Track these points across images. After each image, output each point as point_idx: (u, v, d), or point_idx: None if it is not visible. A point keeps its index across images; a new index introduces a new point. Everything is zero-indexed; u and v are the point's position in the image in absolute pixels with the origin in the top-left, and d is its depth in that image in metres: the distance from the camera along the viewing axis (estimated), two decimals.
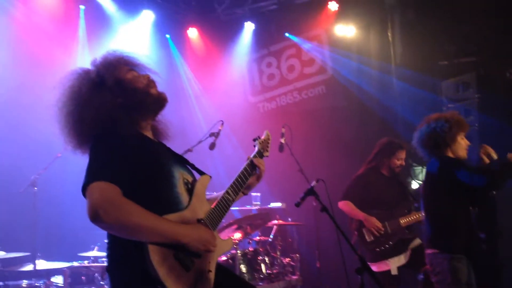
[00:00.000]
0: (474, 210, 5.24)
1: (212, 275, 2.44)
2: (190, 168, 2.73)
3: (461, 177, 3.79)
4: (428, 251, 3.91)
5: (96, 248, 5.70)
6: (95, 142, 2.38)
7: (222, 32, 8.80)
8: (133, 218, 2.17)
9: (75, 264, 5.48)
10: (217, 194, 2.81)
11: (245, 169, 2.85)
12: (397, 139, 5.61)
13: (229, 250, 2.67)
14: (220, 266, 2.64)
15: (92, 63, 2.60)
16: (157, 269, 2.18)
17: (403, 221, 5.24)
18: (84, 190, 2.20)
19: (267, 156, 3.08)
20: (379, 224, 5.20)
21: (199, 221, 2.44)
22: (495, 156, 4.10)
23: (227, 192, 2.70)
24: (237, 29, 8.75)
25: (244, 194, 2.94)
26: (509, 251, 6.73)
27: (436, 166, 3.97)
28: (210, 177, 2.68)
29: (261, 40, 8.78)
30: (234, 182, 2.76)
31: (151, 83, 2.60)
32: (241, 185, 2.79)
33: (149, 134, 2.62)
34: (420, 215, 5.16)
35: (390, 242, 5.20)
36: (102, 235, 5.30)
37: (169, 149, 2.70)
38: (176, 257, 2.28)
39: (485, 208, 5.71)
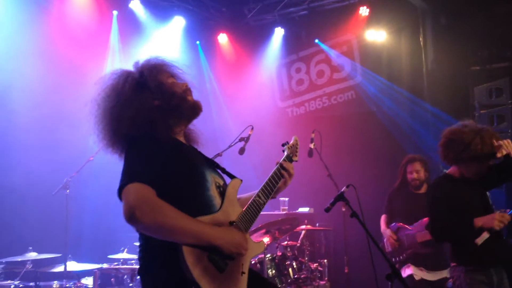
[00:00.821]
0: None
1: (245, 277, 2.46)
2: (220, 172, 2.76)
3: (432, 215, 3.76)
4: (451, 263, 3.84)
5: (125, 250, 5.76)
6: (131, 144, 2.42)
7: (252, 38, 8.85)
8: (168, 220, 2.20)
9: (105, 266, 5.55)
10: (245, 196, 2.83)
11: (275, 173, 2.85)
12: (412, 154, 5.70)
13: (261, 252, 2.66)
14: (251, 270, 2.65)
15: (135, 64, 2.65)
16: (192, 270, 2.20)
17: (419, 235, 5.12)
18: (120, 191, 2.24)
19: (296, 161, 3.08)
20: (394, 237, 5.30)
21: (231, 223, 2.46)
22: None
23: (258, 195, 2.70)
24: (266, 34, 8.79)
25: (273, 197, 2.92)
26: None
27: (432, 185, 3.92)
28: (241, 180, 2.69)
29: (291, 45, 8.79)
30: (264, 186, 2.77)
31: (188, 90, 2.65)
32: (272, 189, 2.79)
33: (181, 139, 2.65)
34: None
35: (404, 255, 5.25)
36: (131, 238, 5.39)
37: (200, 153, 2.73)
38: (210, 259, 2.30)
39: None
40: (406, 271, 5.23)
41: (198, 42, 8.70)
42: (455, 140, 3.78)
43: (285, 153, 3.04)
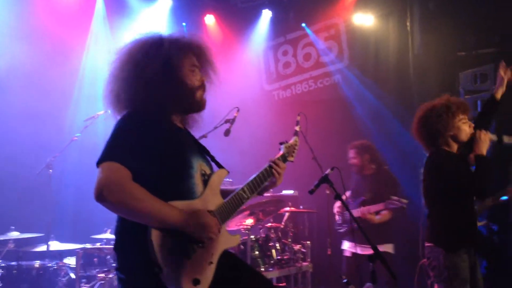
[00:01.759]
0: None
1: (213, 267, 2.43)
2: (210, 160, 2.73)
3: (451, 179, 3.70)
4: (426, 243, 3.85)
5: (109, 230, 5.75)
6: (122, 119, 2.40)
7: (239, 20, 8.78)
8: (134, 202, 2.19)
9: (88, 246, 5.53)
10: (231, 188, 2.79)
11: (265, 170, 2.81)
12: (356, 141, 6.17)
13: (235, 245, 2.63)
14: (230, 254, 2.64)
15: (167, 37, 2.58)
16: (157, 253, 2.20)
17: (356, 211, 5.66)
18: (97, 165, 2.24)
19: (291, 161, 3.04)
20: (338, 209, 6.01)
21: (209, 212, 2.43)
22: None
23: (243, 189, 2.68)
24: (254, 16, 8.72)
25: (259, 194, 2.91)
26: None
27: (429, 159, 3.85)
28: (228, 171, 2.68)
29: (278, 28, 8.74)
30: (252, 181, 2.73)
31: (202, 86, 2.61)
32: (259, 186, 2.76)
33: (177, 122, 2.62)
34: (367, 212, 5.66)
35: (345, 226, 5.88)
36: (115, 219, 5.36)
37: (193, 139, 2.70)
38: (178, 244, 2.29)
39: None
40: (343, 245, 5.91)
41: (184, 24, 8.61)
42: (428, 116, 3.83)
43: (281, 151, 3.00)
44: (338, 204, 6.03)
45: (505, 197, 5.57)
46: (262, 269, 5.26)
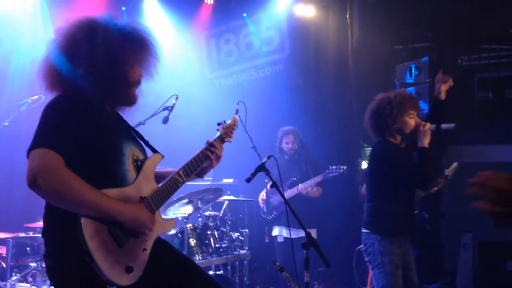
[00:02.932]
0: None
1: (146, 254, 2.42)
2: (144, 145, 2.69)
3: (396, 169, 3.86)
4: (363, 230, 4.00)
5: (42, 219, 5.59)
6: (53, 104, 2.33)
7: (181, 6, 8.65)
8: (70, 190, 2.14)
9: (21, 235, 5.37)
10: (167, 171, 2.78)
11: (201, 152, 2.81)
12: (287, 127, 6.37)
13: (170, 230, 2.62)
14: (161, 241, 2.63)
15: (116, 24, 2.49)
16: (88, 241, 2.16)
17: (293, 190, 5.98)
18: (29, 152, 2.17)
19: (229, 142, 3.05)
20: (262, 197, 6.22)
21: (142, 198, 2.42)
22: None
23: (177, 173, 2.66)
24: (196, 3, 8.62)
25: (199, 177, 2.92)
26: (451, 231, 7.01)
27: (375, 149, 4.02)
28: (163, 156, 2.65)
29: (221, 16, 8.68)
30: (187, 164, 2.72)
31: (138, 82, 2.56)
32: (194, 168, 2.75)
33: (108, 109, 2.55)
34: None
35: (274, 213, 6.05)
36: None
37: (125, 123, 2.65)
38: (110, 232, 2.26)
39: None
40: (274, 232, 6.14)
41: (124, 8, 8.40)
42: (382, 108, 3.97)
43: (218, 132, 3.00)
44: (262, 193, 6.25)
45: None
46: (200, 257, 5.27)
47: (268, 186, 6.13)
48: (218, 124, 3.07)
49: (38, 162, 2.11)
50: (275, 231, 6.14)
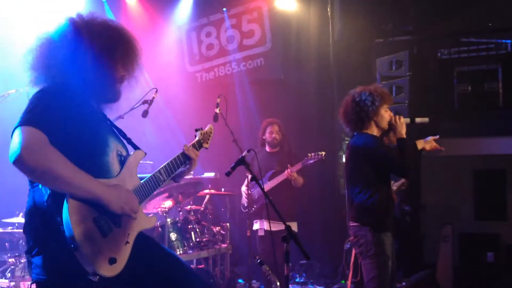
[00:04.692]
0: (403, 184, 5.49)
1: (129, 247, 2.43)
2: (126, 142, 2.74)
3: (382, 159, 3.91)
4: (352, 223, 4.01)
5: (21, 214, 5.52)
6: (42, 90, 2.38)
7: None
8: (55, 165, 2.16)
9: None
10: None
11: (181, 154, 2.87)
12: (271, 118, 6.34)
13: (151, 227, 2.65)
14: (143, 235, 2.63)
15: (108, 24, 2.58)
16: (74, 229, 2.16)
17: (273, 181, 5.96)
18: (13, 133, 2.19)
19: (206, 148, 3.12)
20: (246, 192, 5.99)
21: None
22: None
23: (159, 171, 2.72)
24: None
25: (176, 182, 3.00)
26: (431, 223, 7.09)
27: (358, 142, 4.02)
28: (145, 153, 2.70)
29: (201, 8, 8.62)
30: (168, 164, 2.79)
31: (122, 80, 2.62)
32: (174, 169, 2.80)
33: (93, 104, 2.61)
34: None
35: (255, 207, 5.90)
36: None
37: (108, 120, 2.70)
38: (95, 221, 2.26)
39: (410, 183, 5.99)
40: (254, 226, 6.03)
41: (104, 0, 8.30)
42: (362, 96, 4.00)
43: (196, 138, 3.07)
44: (244, 187, 6.17)
45: None
46: (181, 252, 5.25)
47: (248, 179, 6.17)
48: (196, 130, 3.14)
49: (25, 137, 2.14)
50: (256, 225, 6.09)
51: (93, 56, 2.45)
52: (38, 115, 2.24)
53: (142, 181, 2.60)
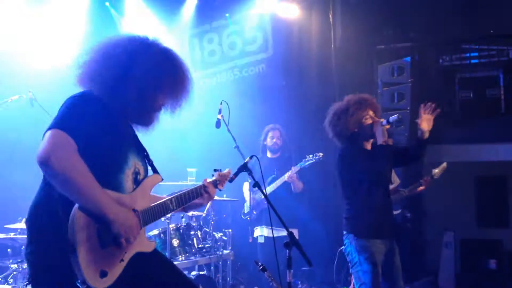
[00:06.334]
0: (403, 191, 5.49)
1: (122, 265, 2.43)
2: (147, 163, 2.77)
3: (356, 172, 3.96)
4: (344, 231, 4.05)
5: (23, 220, 5.52)
6: (75, 95, 2.42)
7: (164, 5, 8.62)
8: (77, 175, 2.19)
9: (1, 236, 5.30)
10: (160, 196, 2.85)
11: (198, 188, 2.95)
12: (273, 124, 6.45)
13: (148, 251, 2.64)
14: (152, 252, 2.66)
15: (167, 50, 2.65)
16: (77, 232, 2.18)
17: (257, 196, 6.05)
18: (46, 131, 2.23)
19: (220, 190, 3.21)
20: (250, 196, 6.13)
21: (134, 211, 2.46)
22: None
23: (170, 200, 2.76)
24: (179, 2, 8.58)
25: (185, 211, 3.05)
26: (433, 230, 7.07)
27: (338, 155, 4.12)
28: (162, 179, 2.74)
29: (204, 15, 8.65)
30: (181, 195, 2.83)
31: (159, 109, 2.66)
32: (186, 201, 2.86)
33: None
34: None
35: (254, 212, 6.01)
36: (29, 207, 5.15)
37: (136, 138, 2.73)
38: (97, 230, 2.28)
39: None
40: (255, 233, 6.06)
41: (107, 3, 8.27)
42: (336, 112, 4.03)
43: (214, 177, 3.17)
44: (246, 191, 6.25)
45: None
46: (183, 258, 5.25)
47: (247, 184, 6.21)
48: (215, 170, 3.24)
49: (55, 141, 2.18)
50: (256, 231, 6.08)
51: (139, 79, 2.48)
52: (71, 120, 2.28)
53: (151, 205, 2.62)
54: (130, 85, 2.47)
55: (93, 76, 2.46)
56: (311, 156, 5.91)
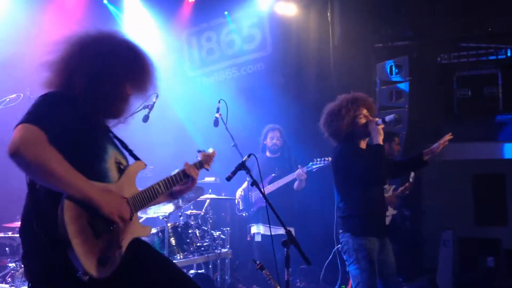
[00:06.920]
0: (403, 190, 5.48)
1: (121, 252, 2.44)
2: (128, 154, 2.78)
3: (357, 171, 3.94)
4: (340, 231, 4.05)
5: None
6: (46, 93, 2.43)
7: (162, 4, 8.61)
8: (51, 162, 2.18)
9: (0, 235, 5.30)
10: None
11: (181, 171, 2.93)
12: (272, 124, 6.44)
13: (145, 236, 2.67)
14: (141, 242, 2.66)
15: (129, 43, 2.65)
16: (67, 226, 2.18)
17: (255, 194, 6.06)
18: (15, 127, 2.22)
19: (207, 169, 3.19)
20: (238, 193, 6.27)
21: (123, 198, 2.46)
22: None
23: (158, 184, 2.77)
24: (177, 0, 8.57)
25: (174, 198, 3.06)
26: (431, 228, 7.07)
27: (334, 153, 4.11)
28: (145, 165, 2.74)
29: (202, 13, 8.64)
30: (168, 178, 2.84)
31: (127, 99, 2.65)
32: (174, 183, 2.85)
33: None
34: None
35: (252, 209, 6.04)
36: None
37: (111, 132, 2.74)
38: (89, 221, 2.29)
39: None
40: (252, 229, 6.06)
41: (106, 1, 8.26)
42: (330, 112, 4.03)
43: (198, 158, 3.15)
44: (239, 190, 6.29)
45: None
46: (181, 256, 5.25)
47: (246, 183, 6.17)
48: (198, 151, 3.21)
49: (24, 133, 2.18)
50: (253, 229, 6.10)
51: (103, 71, 2.49)
52: (41, 114, 2.28)
53: (140, 190, 2.62)
54: (94, 79, 2.47)
55: (59, 76, 2.49)
56: (318, 160, 5.90)
